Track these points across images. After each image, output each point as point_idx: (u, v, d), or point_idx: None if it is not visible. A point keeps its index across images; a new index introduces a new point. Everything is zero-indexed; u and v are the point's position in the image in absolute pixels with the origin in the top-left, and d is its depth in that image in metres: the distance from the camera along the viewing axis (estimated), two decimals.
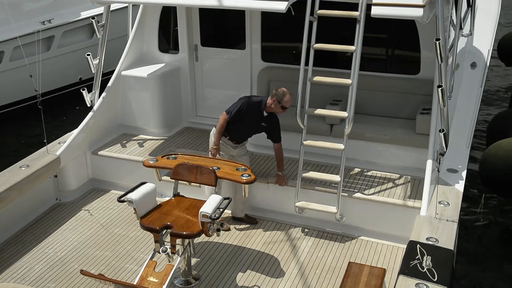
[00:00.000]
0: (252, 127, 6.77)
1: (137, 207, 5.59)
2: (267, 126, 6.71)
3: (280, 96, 6.47)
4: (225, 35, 8.58)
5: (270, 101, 6.55)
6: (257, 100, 6.68)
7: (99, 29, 7.44)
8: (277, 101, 6.48)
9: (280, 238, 6.65)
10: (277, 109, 6.55)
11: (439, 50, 5.66)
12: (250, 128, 6.79)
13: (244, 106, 6.59)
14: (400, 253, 6.24)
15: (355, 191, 6.67)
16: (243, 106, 6.58)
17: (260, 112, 6.61)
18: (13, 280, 6.01)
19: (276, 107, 6.54)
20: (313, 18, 6.38)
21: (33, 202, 7.15)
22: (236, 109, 6.58)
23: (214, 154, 6.67)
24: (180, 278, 5.89)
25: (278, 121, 6.75)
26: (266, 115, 6.65)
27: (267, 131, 6.77)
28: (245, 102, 6.63)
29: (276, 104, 6.51)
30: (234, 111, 6.59)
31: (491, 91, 13.51)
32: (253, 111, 6.60)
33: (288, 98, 6.48)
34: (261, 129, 6.77)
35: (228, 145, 6.79)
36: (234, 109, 6.59)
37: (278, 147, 6.75)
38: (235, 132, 6.73)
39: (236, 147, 6.82)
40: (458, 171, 6.48)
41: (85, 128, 7.72)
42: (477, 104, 7.63)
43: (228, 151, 6.82)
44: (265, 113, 6.63)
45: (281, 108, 6.53)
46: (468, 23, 8.62)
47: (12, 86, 11.67)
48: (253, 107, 6.60)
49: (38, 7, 12.19)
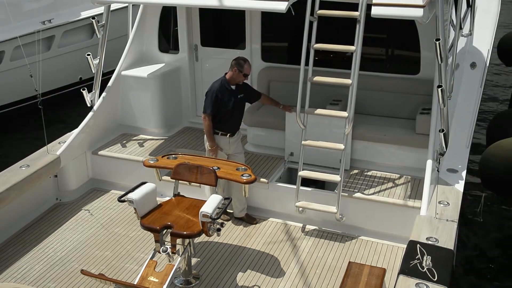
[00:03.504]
0: (235, 107, 6.74)
1: (138, 207, 5.59)
2: (245, 95, 6.83)
3: (241, 64, 6.60)
4: (225, 35, 8.58)
5: (230, 73, 6.67)
6: (218, 82, 6.74)
7: (99, 29, 7.45)
8: (238, 70, 6.60)
9: (280, 238, 6.66)
10: (240, 77, 6.66)
11: (439, 50, 5.66)
12: (232, 109, 6.74)
13: (212, 94, 6.64)
14: (400, 253, 6.24)
15: (355, 191, 6.68)
16: (213, 95, 6.64)
17: (228, 89, 6.68)
18: (14, 280, 6.01)
19: (238, 76, 6.64)
20: (313, 18, 6.38)
21: (33, 202, 7.16)
22: (209, 102, 6.65)
23: (213, 155, 6.69)
24: (180, 278, 5.89)
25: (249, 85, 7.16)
26: (235, 88, 6.72)
27: (248, 99, 6.95)
28: (211, 91, 6.68)
29: (238, 73, 6.62)
30: (209, 105, 6.66)
31: (491, 91, 13.52)
32: (223, 93, 6.65)
33: (248, 64, 6.64)
34: (242, 103, 6.85)
35: (223, 143, 6.78)
36: (208, 104, 6.67)
37: (264, 97, 7.12)
38: (223, 123, 6.73)
39: (232, 141, 6.80)
40: (458, 171, 6.49)
41: (85, 128, 7.73)
42: (477, 104, 7.63)
43: (226, 149, 6.80)
44: (233, 87, 6.71)
45: (243, 76, 6.65)
46: (468, 23, 8.62)
47: (12, 86, 11.68)
48: (220, 89, 6.66)
49: (38, 7, 12.20)
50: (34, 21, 11.85)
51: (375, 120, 7.48)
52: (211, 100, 6.62)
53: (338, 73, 6.92)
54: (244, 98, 6.85)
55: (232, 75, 6.63)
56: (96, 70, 7.74)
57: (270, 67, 8.12)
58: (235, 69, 6.60)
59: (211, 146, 6.69)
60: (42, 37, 11.57)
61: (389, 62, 7.84)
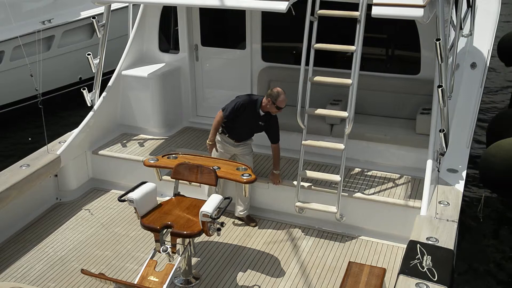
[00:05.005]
0: (250, 126, 6.77)
1: (138, 207, 5.59)
2: (265, 125, 6.71)
3: (275, 96, 6.47)
4: (225, 35, 8.58)
5: (265, 101, 6.55)
6: (253, 99, 6.68)
7: (99, 29, 7.45)
8: (272, 101, 6.49)
9: (280, 237, 6.66)
10: (272, 109, 6.56)
11: (439, 50, 5.67)
12: (248, 127, 6.78)
13: (239, 104, 6.60)
14: (400, 252, 6.25)
15: (355, 191, 6.68)
16: (239, 105, 6.60)
17: (256, 111, 6.62)
18: (14, 279, 6.01)
19: (271, 107, 6.54)
20: (313, 18, 6.39)
21: (33, 202, 7.15)
22: (231, 108, 6.61)
23: (209, 149, 6.74)
24: (180, 278, 5.89)
25: (277, 121, 6.76)
26: (263, 114, 6.65)
27: (266, 130, 6.78)
28: (241, 100, 6.64)
29: (271, 105, 6.51)
30: (229, 109, 6.62)
31: (491, 91, 13.52)
32: (249, 110, 6.61)
33: (283, 98, 6.48)
34: (259, 128, 6.78)
35: (228, 143, 6.79)
36: (229, 107, 6.62)
37: (276, 147, 6.78)
38: (233, 130, 6.74)
39: (238, 145, 6.82)
40: (458, 171, 6.49)
41: (85, 128, 7.73)
42: (477, 104, 7.63)
43: (229, 150, 6.82)
44: (262, 112, 6.64)
45: (276, 108, 6.53)
46: (468, 23, 8.63)
47: (12, 85, 11.68)
48: (249, 106, 6.61)
49: (38, 7, 12.20)
50: (34, 21, 11.85)
51: (375, 120, 7.48)
52: (234, 107, 6.59)
53: (339, 73, 6.93)
54: (262, 128, 6.73)
55: (267, 104, 6.54)
56: (96, 70, 7.74)
57: (271, 67, 8.12)
58: (269, 99, 6.50)
59: (209, 140, 6.75)
60: (42, 37, 11.57)
61: (389, 62, 7.84)
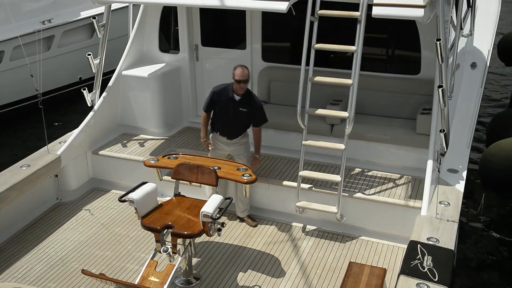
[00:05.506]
0: (233, 115, 6.64)
1: (138, 207, 5.59)
2: (248, 111, 6.61)
3: (233, 72, 6.50)
4: (225, 35, 8.58)
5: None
6: (225, 85, 6.68)
7: (99, 29, 7.44)
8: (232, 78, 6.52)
9: (280, 238, 6.66)
10: (235, 86, 6.52)
11: (439, 50, 5.66)
12: (232, 116, 6.65)
13: (212, 93, 6.67)
14: (400, 253, 6.25)
15: (355, 191, 6.68)
16: (211, 93, 6.66)
17: (230, 96, 6.59)
18: (14, 279, 6.01)
19: (235, 85, 6.53)
20: (314, 18, 6.38)
21: (33, 202, 7.15)
22: (208, 100, 6.69)
23: (205, 147, 6.85)
24: (181, 278, 5.89)
25: (260, 105, 6.67)
26: (239, 98, 6.59)
27: (251, 116, 6.67)
28: (213, 89, 6.71)
29: (234, 82, 6.52)
30: (206, 102, 6.70)
31: (491, 91, 13.52)
32: (224, 97, 6.60)
33: (238, 70, 6.45)
34: (243, 116, 6.64)
35: (221, 142, 6.77)
36: (207, 101, 6.70)
37: (257, 131, 6.72)
38: (221, 125, 6.74)
39: (232, 144, 6.75)
40: (459, 171, 6.49)
41: (85, 128, 7.72)
42: (477, 104, 7.63)
43: (224, 149, 6.79)
44: (237, 97, 6.59)
45: (237, 83, 6.48)
46: (468, 23, 8.63)
47: (12, 85, 11.68)
48: (223, 93, 6.62)
49: (38, 7, 12.20)
50: (34, 21, 11.86)
51: (375, 120, 7.48)
52: (208, 97, 6.72)
53: (339, 73, 6.93)
54: (245, 115, 6.63)
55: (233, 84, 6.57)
56: (96, 70, 7.73)
57: (271, 67, 8.12)
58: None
59: (202, 138, 6.85)
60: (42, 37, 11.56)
61: (389, 62, 7.85)
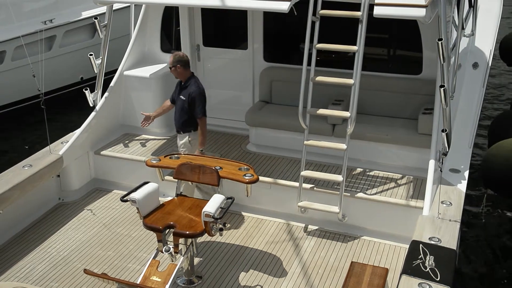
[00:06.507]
0: (178, 105, 6.74)
1: (140, 207, 5.60)
2: (187, 99, 6.61)
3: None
4: (227, 35, 8.58)
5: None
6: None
7: (101, 29, 7.45)
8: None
9: (282, 238, 6.66)
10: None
11: (441, 50, 5.66)
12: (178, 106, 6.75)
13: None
14: (402, 253, 6.25)
15: (357, 191, 6.68)
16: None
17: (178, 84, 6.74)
18: (16, 279, 6.02)
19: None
20: (315, 18, 6.39)
21: (36, 202, 7.16)
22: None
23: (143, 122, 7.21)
24: (183, 278, 5.90)
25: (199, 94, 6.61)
26: (183, 84, 6.70)
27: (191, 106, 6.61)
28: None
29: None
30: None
31: (493, 91, 13.51)
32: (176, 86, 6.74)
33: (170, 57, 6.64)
34: (185, 105, 6.64)
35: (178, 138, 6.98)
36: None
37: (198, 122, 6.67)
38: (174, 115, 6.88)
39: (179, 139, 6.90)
40: (461, 171, 6.48)
41: (87, 128, 7.73)
42: (479, 104, 7.63)
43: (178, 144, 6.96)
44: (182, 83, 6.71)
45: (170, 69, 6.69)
46: (470, 23, 8.62)
47: (14, 85, 11.69)
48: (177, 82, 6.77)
49: (40, 6, 12.22)
50: (36, 21, 11.87)
51: (377, 120, 7.48)
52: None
53: (340, 73, 6.93)
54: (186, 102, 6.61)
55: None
56: (98, 70, 7.73)
57: (272, 67, 8.12)
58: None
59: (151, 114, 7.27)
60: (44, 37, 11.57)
61: (391, 62, 7.85)
